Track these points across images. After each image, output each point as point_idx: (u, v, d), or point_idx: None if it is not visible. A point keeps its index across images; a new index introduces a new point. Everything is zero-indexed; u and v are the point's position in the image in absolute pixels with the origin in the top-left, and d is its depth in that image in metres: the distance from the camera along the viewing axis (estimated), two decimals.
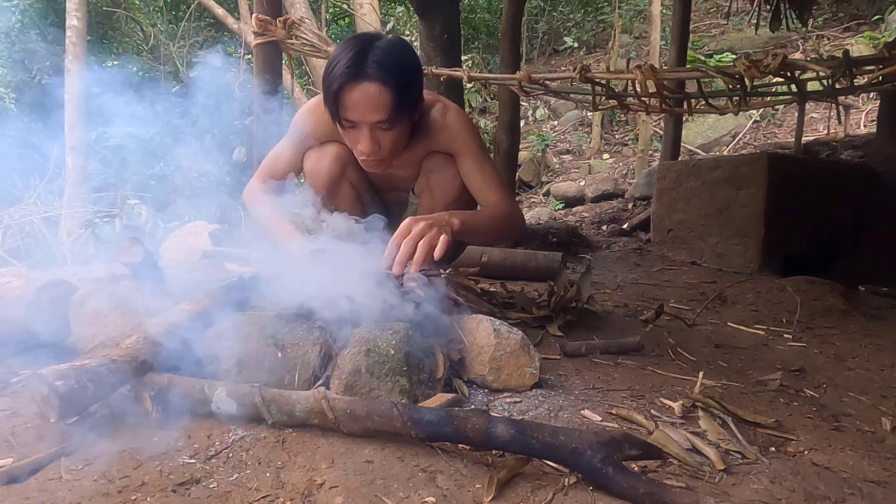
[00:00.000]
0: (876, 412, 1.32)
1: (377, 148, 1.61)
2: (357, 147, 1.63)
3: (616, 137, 9.20)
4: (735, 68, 2.28)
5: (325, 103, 1.61)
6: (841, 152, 5.03)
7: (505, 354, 1.25)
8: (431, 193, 1.86)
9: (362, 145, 1.60)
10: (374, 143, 1.60)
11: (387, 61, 1.54)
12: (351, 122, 1.58)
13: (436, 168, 1.82)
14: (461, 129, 1.82)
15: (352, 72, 1.51)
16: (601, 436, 0.91)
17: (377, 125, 1.57)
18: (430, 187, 1.86)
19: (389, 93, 1.53)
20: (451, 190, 1.82)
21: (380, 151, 1.62)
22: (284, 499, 0.84)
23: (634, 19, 11.17)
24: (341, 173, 1.85)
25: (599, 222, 5.29)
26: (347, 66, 1.51)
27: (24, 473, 0.87)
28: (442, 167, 1.82)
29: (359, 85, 1.52)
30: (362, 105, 1.54)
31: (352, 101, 1.54)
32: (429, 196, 1.88)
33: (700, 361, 1.54)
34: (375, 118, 1.55)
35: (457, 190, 1.83)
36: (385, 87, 1.53)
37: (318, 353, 1.16)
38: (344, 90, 1.52)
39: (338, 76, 1.52)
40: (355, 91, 1.52)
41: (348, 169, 1.86)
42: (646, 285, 2.60)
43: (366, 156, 1.64)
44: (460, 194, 1.84)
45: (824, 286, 2.30)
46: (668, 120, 4.67)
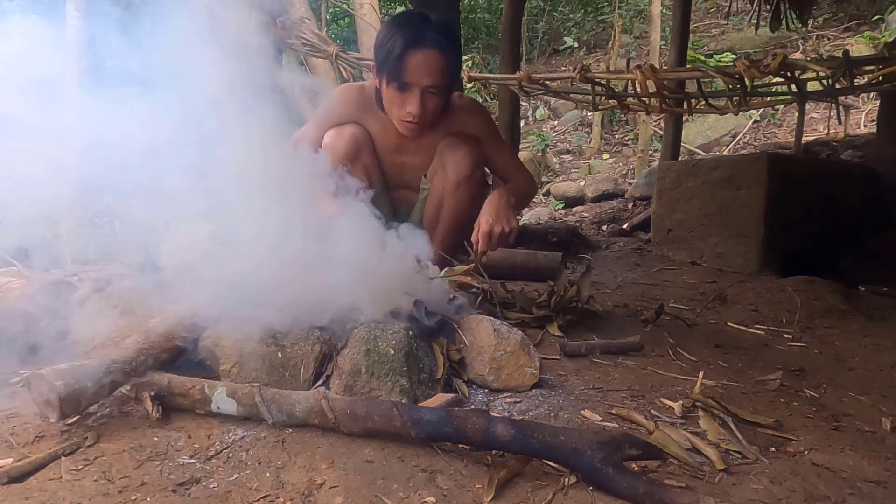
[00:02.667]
0: (876, 412, 1.32)
1: (425, 111, 1.76)
2: (406, 109, 1.75)
3: (616, 137, 9.20)
4: (735, 68, 2.28)
5: (382, 67, 1.73)
6: (841, 152, 5.03)
7: (505, 354, 1.25)
8: (444, 171, 1.89)
9: (412, 107, 1.74)
10: (424, 106, 1.74)
11: (445, 32, 1.73)
12: (406, 85, 1.72)
13: (449, 146, 1.89)
14: (480, 116, 1.98)
15: (416, 37, 1.68)
16: (601, 436, 0.91)
17: (429, 89, 1.73)
18: (443, 166, 1.89)
19: (446, 60, 1.71)
20: (465, 167, 1.87)
21: (425, 115, 1.76)
22: (284, 499, 0.84)
23: (634, 19, 11.16)
24: (356, 154, 1.92)
25: (599, 222, 5.29)
26: (413, 33, 1.69)
27: (24, 473, 0.87)
28: (456, 145, 1.88)
29: (421, 50, 1.68)
30: (422, 68, 1.70)
31: (413, 64, 1.69)
32: (442, 175, 1.91)
33: (700, 361, 1.54)
34: (430, 82, 1.72)
35: (470, 168, 1.87)
36: (443, 55, 1.71)
37: (318, 353, 1.16)
38: (407, 54, 1.68)
39: (402, 40, 1.68)
40: (418, 55, 1.68)
41: (363, 152, 1.92)
42: (646, 285, 2.60)
43: (412, 117, 1.76)
44: (472, 172, 1.88)
45: (824, 286, 2.29)
46: (668, 120, 4.67)
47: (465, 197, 1.92)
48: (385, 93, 1.79)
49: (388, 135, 1.96)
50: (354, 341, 1.15)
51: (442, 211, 1.96)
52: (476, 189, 1.95)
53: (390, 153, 2.00)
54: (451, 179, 1.88)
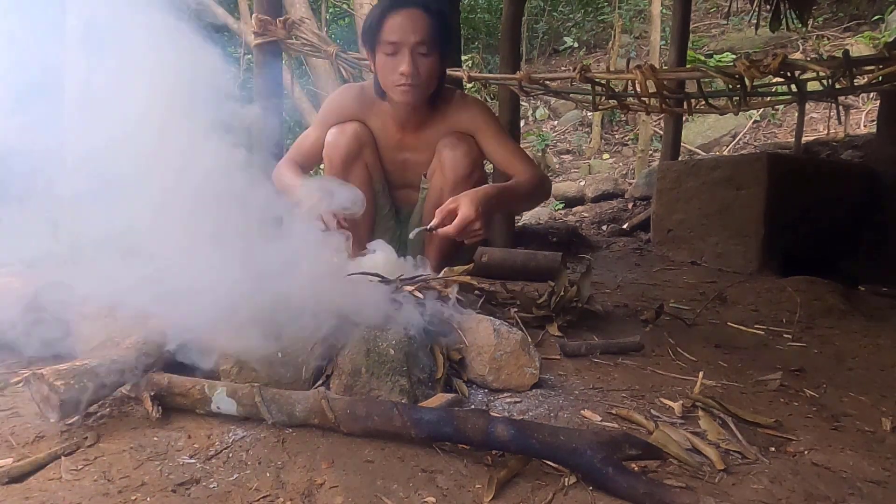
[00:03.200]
0: (876, 412, 1.32)
1: (417, 71, 1.75)
2: (398, 71, 1.75)
3: (616, 137, 9.20)
4: (735, 68, 2.28)
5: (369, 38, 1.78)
6: (841, 152, 5.03)
7: (505, 354, 1.25)
8: (443, 171, 1.89)
9: (403, 66, 1.73)
10: (415, 66, 1.74)
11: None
12: (393, 46, 1.73)
13: (448, 145, 1.89)
14: (481, 110, 1.97)
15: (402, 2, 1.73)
16: (601, 436, 0.91)
17: (417, 47, 1.74)
18: (441, 165, 1.89)
19: (429, 17, 1.75)
20: (463, 167, 1.87)
21: (418, 76, 1.76)
22: (284, 499, 0.84)
23: (634, 19, 11.16)
24: (358, 151, 1.93)
25: (599, 222, 5.29)
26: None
27: (24, 473, 0.87)
28: (455, 144, 1.88)
29: (403, 9, 1.73)
30: (407, 26, 1.73)
31: (396, 23, 1.73)
32: (440, 175, 1.91)
33: (700, 361, 1.54)
34: (417, 38, 1.73)
35: (468, 167, 1.87)
36: (426, 13, 1.75)
37: (318, 353, 1.16)
38: (388, 15, 1.73)
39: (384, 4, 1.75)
40: (399, 15, 1.73)
41: (365, 150, 1.93)
42: (646, 285, 2.60)
43: (406, 77, 1.75)
44: (471, 172, 1.88)
45: (824, 286, 2.29)
46: (668, 120, 4.67)
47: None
48: (378, 66, 1.81)
49: (389, 131, 1.97)
50: (354, 341, 1.15)
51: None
52: (476, 186, 1.94)
53: (392, 150, 2.01)
54: (450, 179, 1.88)
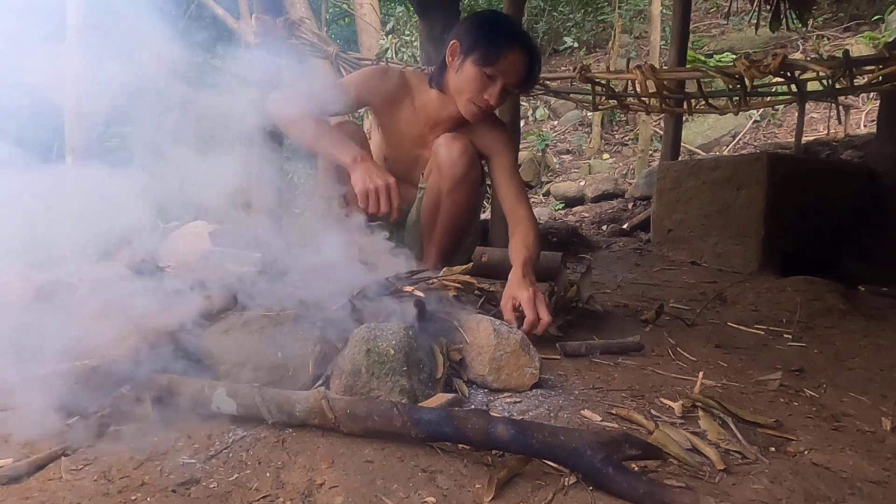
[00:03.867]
0: (876, 412, 1.32)
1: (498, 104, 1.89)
2: (484, 96, 1.85)
3: (616, 137, 9.19)
4: (735, 68, 2.28)
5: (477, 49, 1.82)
6: (841, 152, 5.03)
7: (505, 354, 1.25)
8: (440, 171, 1.90)
9: (492, 97, 1.85)
10: (501, 99, 1.87)
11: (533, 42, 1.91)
12: (494, 74, 1.82)
13: (444, 144, 1.90)
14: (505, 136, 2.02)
15: (523, 42, 1.83)
16: (601, 436, 0.91)
17: (509, 86, 1.85)
18: (438, 165, 1.90)
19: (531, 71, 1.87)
20: (459, 167, 1.89)
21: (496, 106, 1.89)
22: (284, 499, 0.84)
23: (634, 19, 11.15)
24: None
25: (599, 222, 5.29)
26: (522, 36, 1.86)
27: (24, 473, 0.87)
28: (450, 143, 1.88)
29: (524, 55, 1.83)
30: (517, 67, 1.84)
31: (512, 63, 1.82)
32: (437, 175, 1.91)
33: (700, 361, 1.54)
34: (514, 81, 1.85)
35: (464, 167, 1.88)
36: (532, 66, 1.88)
37: (318, 353, 1.16)
38: (512, 53, 1.81)
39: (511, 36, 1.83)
40: (520, 58, 1.82)
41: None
42: (646, 285, 2.60)
43: (486, 105, 1.86)
44: (467, 171, 1.89)
45: (824, 286, 2.29)
46: (668, 120, 4.67)
47: (462, 198, 1.92)
48: (466, 77, 1.84)
49: (415, 125, 1.97)
50: (354, 341, 1.15)
51: (439, 212, 1.96)
52: (473, 188, 1.95)
53: (411, 144, 2.01)
54: (448, 179, 1.88)
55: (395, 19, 10.68)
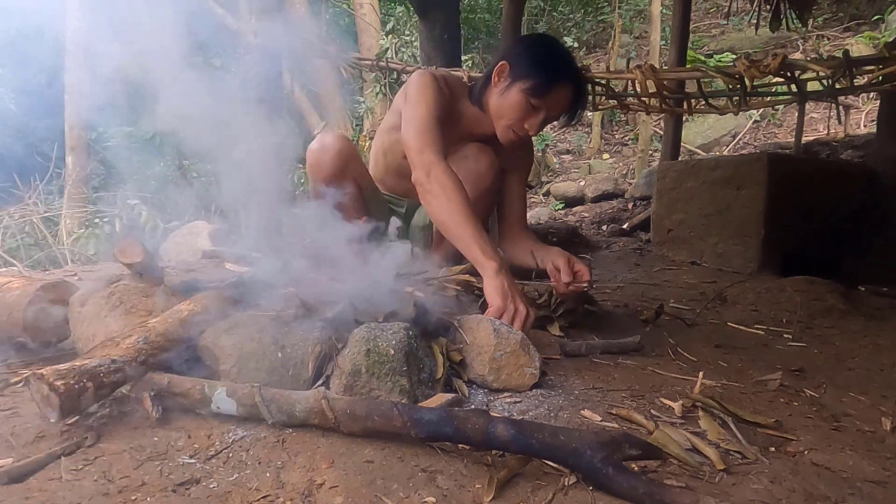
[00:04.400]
0: (876, 412, 1.32)
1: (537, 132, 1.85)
2: (524, 124, 1.81)
3: (616, 137, 9.20)
4: (735, 68, 2.28)
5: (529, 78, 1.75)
6: (841, 152, 5.03)
7: (505, 354, 1.25)
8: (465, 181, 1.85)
9: (533, 127, 1.81)
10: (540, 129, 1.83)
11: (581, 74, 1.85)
12: (538, 108, 1.78)
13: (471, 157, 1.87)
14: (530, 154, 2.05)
15: (575, 76, 1.79)
16: (601, 436, 0.91)
17: (550, 117, 1.83)
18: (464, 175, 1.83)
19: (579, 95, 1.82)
20: (486, 180, 1.89)
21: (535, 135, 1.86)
22: (284, 499, 0.84)
23: (634, 19, 11.16)
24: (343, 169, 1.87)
25: (599, 222, 5.29)
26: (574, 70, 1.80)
27: (24, 473, 0.87)
28: (478, 156, 1.87)
29: (573, 89, 1.80)
30: (564, 104, 1.81)
31: (561, 97, 1.78)
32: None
33: (700, 361, 1.54)
34: (556, 114, 1.83)
35: (490, 181, 1.89)
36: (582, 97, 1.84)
37: (318, 353, 1.16)
38: (563, 87, 1.77)
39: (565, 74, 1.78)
40: (570, 92, 1.79)
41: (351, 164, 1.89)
42: (646, 285, 2.60)
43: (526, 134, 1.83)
44: (492, 185, 1.88)
45: (824, 286, 2.29)
46: (668, 120, 4.67)
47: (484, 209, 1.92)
48: (511, 99, 1.78)
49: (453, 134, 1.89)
50: (354, 341, 1.15)
51: None
52: (493, 199, 1.95)
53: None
54: (472, 190, 1.80)
55: (395, 19, 10.68)
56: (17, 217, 5.35)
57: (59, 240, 5.34)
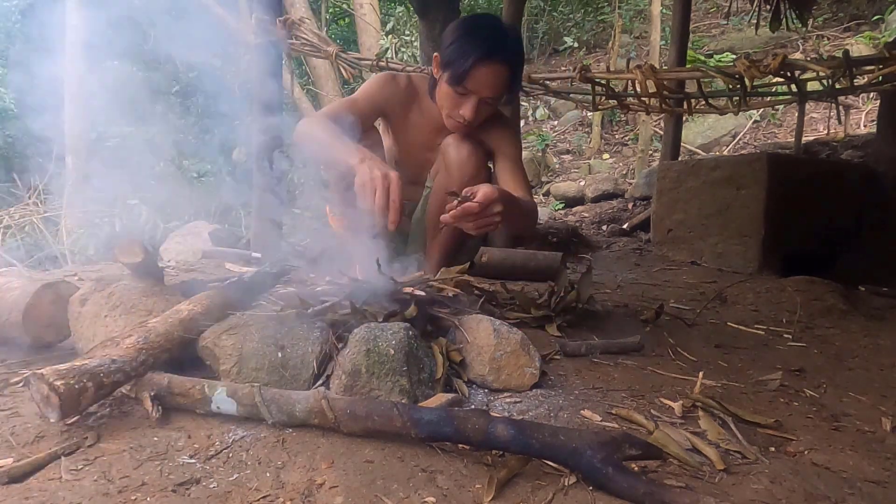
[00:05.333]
0: (876, 412, 1.32)
1: (477, 118, 1.80)
2: (459, 111, 1.78)
3: (616, 137, 9.20)
4: (735, 68, 2.28)
5: (447, 68, 1.75)
6: (841, 152, 5.03)
7: (505, 354, 1.25)
8: (448, 171, 1.88)
9: (466, 112, 1.77)
10: (477, 113, 1.78)
11: (516, 50, 1.76)
12: (466, 91, 1.75)
13: (452, 144, 1.88)
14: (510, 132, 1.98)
15: (490, 50, 1.69)
16: (601, 436, 0.91)
17: (485, 99, 1.77)
18: (446, 165, 1.89)
19: (510, 76, 1.74)
20: (468, 168, 1.87)
21: (476, 121, 1.81)
22: (284, 499, 0.84)
23: (634, 19, 11.16)
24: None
25: (599, 222, 5.29)
26: (488, 44, 1.70)
27: (24, 473, 0.87)
28: (459, 143, 1.87)
29: (491, 64, 1.70)
30: (487, 81, 1.73)
31: (480, 75, 1.71)
32: (444, 174, 1.90)
33: (700, 361, 1.54)
34: (490, 94, 1.75)
35: (473, 169, 1.87)
36: (509, 71, 1.74)
37: (318, 353, 1.16)
38: (478, 64, 1.70)
39: (477, 50, 1.69)
40: (487, 68, 1.70)
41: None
42: (646, 285, 2.60)
43: (464, 120, 1.80)
44: (476, 173, 1.87)
45: (824, 286, 2.29)
46: (668, 120, 4.67)
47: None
48: (443, 93, 1.82)
49: (424, 129, 1.97)
50: (354, 341, 1.15)
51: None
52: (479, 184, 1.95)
53: (420, 148, 2.01)
54: (455, 180, 1.86)
55: (395, 19, 10.69)
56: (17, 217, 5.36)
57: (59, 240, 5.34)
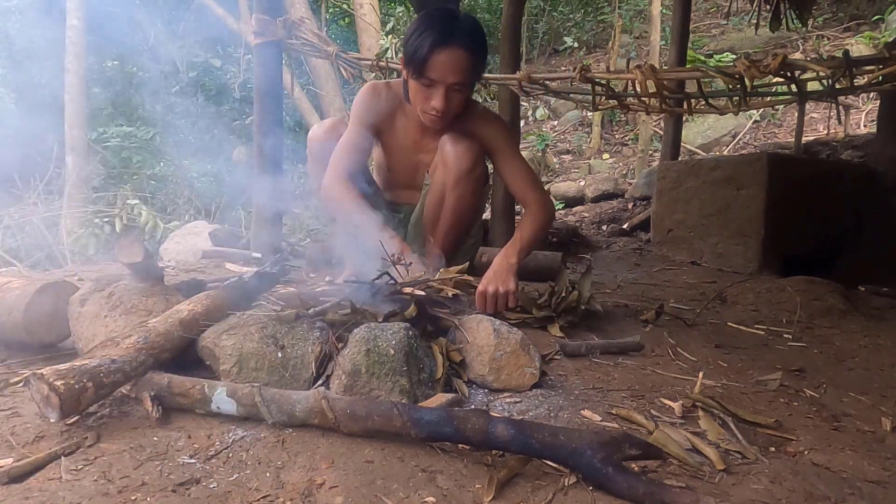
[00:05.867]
0: (876, 412, 1.32)
1: (449, 107, 1.80)
2: (430, 103, 1.80)
3: (616, 137, 9.19)
4: (735, 68, 2.27)
5: (409, 63, 1.78)
6: (841, 152, 5.03)
7: (505, 354, 1.25)
8: (445, 166, 1.89)
9: (436, 102, 1.78)
10: (448, 101, 1.79)
11: (472, 33, 1.76)
12: (431, 81, 1.76)
13: (450, 140, 1.90)
14: (502, 129, 2.00)
15: (444, 36, 1.71)
16: (601, 436, 0.91)
17: (453, 86, 1.77)
18: (443, 161, 1.90)
19: (471, 60, 1.75)
20: (466, 162, 1.88)
21: (448, 110, 1.81)
22: (284, 499, 0.84)
23: (634, 19, 11.16)
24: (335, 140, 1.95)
25: (599, 222, 5.29)
26: (440, 31, 1.73)
27: (24, 473, 0.87)
28: (457, 140, 1.88)
29: (448, 49, 1.72)
30: (447, 67, 1.73)
31: (439, 62, 1.72)
32: (442, 170, 1.91)
33: (700, 361, 1.54)
34: (455, 80, 1.75)
35: (470, 163, 1.88)
36: (469, 54, 1.74)
37: (318, 353, 1.16)
38: (434, 51, 1.71)
39: (430, 38, 1.72)
40: (444, 53, 1.72)
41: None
42: (646, 285, 2.60)
43: (436, 112, 1.80)
44: (473, 167, 1.89)
45: (824, 286, 2.29)
46: (668, 120, 4.67)
47: (466, 192, 1.92)
48: (412, 89, 1.84)
49: (409, 132, 1.98)
50: (354, 341, 1.15)
51: (443, 208, 1.96)
52: (477, 184, 1.95)
53: (408, 152, 2.02)
54: (452, 174, 1.88)
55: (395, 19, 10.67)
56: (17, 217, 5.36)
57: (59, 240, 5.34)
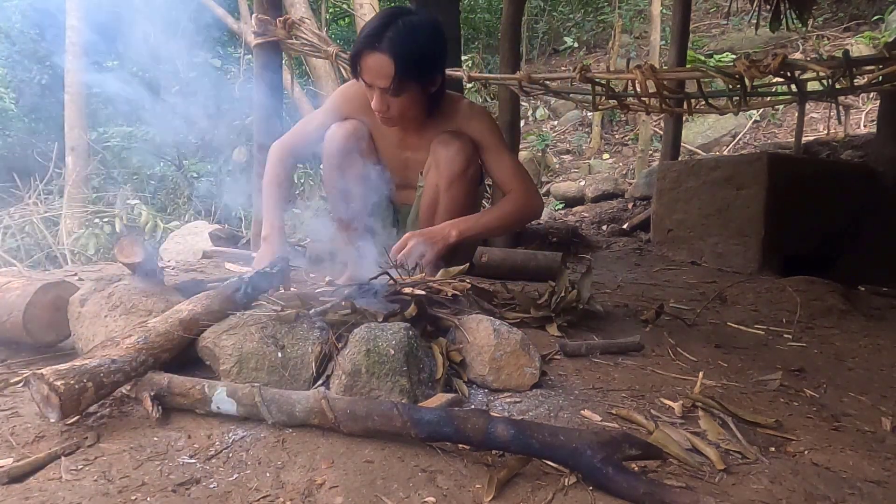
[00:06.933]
0: (876, 412, 1.32)
1: (386, 108, 1.82)
2: (371, 103, 1.84)
3: (616, 137, 9.19)
4: (735, 68, 2.27)
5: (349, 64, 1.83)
6: (841, 152, 5.03)
7: (505, 354, 1.25)
8: (437, 168, 1.90)
9: (374, 103, 1.82)
10: (384, 103, 1.81)
11: (400, 39, 1.72)
12: (367, 84, 1.80)
13: (442, 142, 1.91)
14: (488, 123, 2.00)
15: (368, 42, 1.73)
16: (601, 436, 0.91)
17: (385, 90, 1.78)
18: (436, 162, 1.91)
19: (393, 66, 1.72)
20: (458, 163, 1.88)
21: (389, 111, 1.83)
22: (284, 499, 0.84)
23: (634, 19, 11.16)
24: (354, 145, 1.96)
25: (599, 222, 5.29)
26: (366, 36, 1.75)
27: (24, 473, 0.87)
28: (449, 141, 1.89)
29: (371, 55, 1.74)
30: (372, 72, 1.76)
31: (365, 66, 1.77)
32: (434, 172, 1.91)
33: (700, 361, 1.54)
34: (382, 84, 1.76)
35: (463, 164, 1.88)
36: (390, 61, 1.72)
37: (318, 353, 1.16)
38: (359, 56, 1.76)
39: (358, 43, 1.76)
40: (367, 59, 1.75)
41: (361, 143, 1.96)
42: (646, 285, 2.60)
43: (378, 113, 1.84)
44: (466, 168, 1.89)
45: (824, 286, 2.29)
46: (668, 120, 4.67)
47: (460, 194, 1.92)
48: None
49: (392, 131, 1.98)
50: (354, 341, 1.15)
51: (437, 209, 1.96)
52: (471, 185, 1.95)
53: (394, 148, 2.02)
54: (445, 176, 1.89)
55: None
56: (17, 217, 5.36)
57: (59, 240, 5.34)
